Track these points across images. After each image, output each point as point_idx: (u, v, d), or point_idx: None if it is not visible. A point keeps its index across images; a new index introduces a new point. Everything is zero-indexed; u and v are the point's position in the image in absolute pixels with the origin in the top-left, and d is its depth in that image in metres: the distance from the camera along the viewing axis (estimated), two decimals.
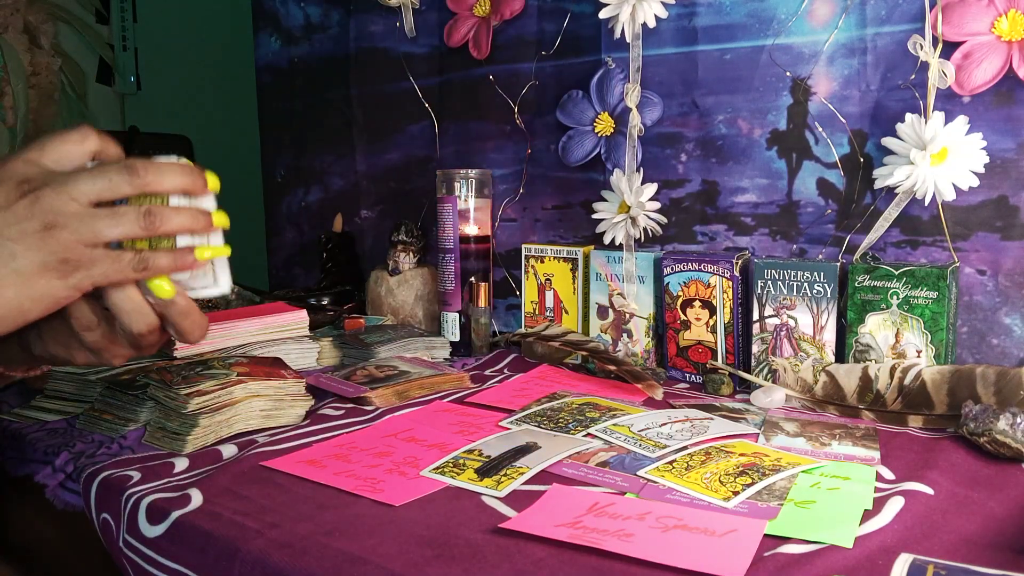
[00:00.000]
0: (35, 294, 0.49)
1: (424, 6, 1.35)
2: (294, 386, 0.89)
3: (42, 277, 0.49)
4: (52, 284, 0.49)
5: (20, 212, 0.48)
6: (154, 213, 0.51)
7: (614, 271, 1.11)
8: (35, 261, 0.48)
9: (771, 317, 0.98)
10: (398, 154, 1.45)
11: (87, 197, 0.50)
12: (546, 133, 1.24)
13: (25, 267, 0.48)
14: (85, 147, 0.52)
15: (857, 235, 1.00)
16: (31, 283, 0.49)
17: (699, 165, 1.11)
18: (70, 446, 0.81)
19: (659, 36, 1.10)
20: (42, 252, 0.48)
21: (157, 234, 0.51)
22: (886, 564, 0.53)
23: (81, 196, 0.49)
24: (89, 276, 0.50)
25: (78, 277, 0.50)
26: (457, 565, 0.56)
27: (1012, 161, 0.91)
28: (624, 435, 0.80)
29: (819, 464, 0.72)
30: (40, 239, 0.48)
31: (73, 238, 0.49)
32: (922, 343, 0.90)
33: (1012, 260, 0.92)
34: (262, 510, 0.65)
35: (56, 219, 0.48)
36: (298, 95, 1.61)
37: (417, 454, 0.77)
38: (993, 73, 0.89)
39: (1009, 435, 0.71)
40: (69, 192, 0.49)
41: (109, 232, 0.50)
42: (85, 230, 0.49)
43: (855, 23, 0.98)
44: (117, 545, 0.69)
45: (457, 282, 1.22)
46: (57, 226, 0.49)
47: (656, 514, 0.62)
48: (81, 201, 0.49)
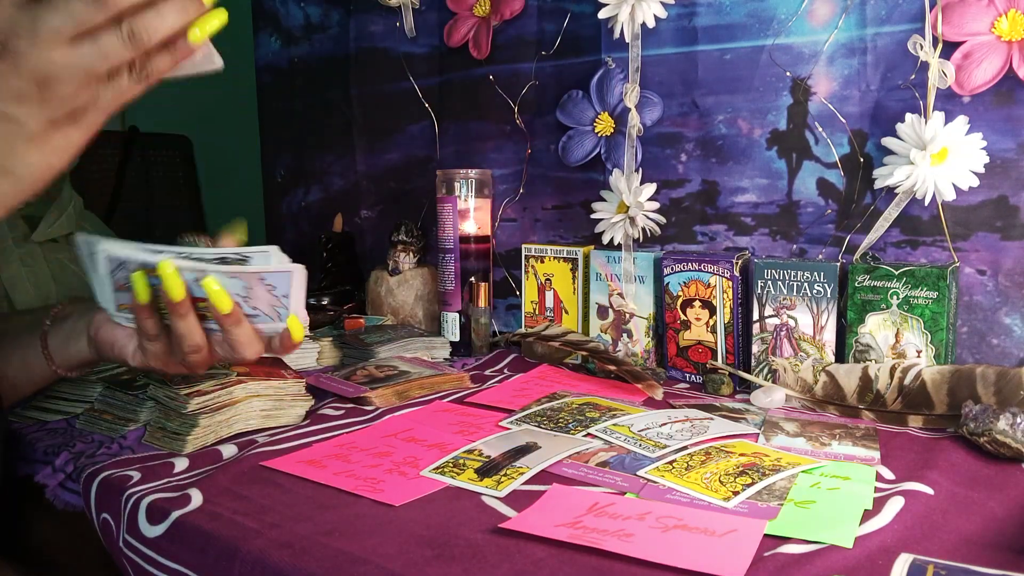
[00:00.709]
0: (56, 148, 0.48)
1: (424, 6, 1.35)
2: (294, 386, 0.89)
3: (56, 131, 0.48)
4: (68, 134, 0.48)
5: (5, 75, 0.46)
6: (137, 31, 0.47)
7: (614, 271, 1.11)
8: (42, 120, 0.47)
9: (771, 317, 0.98)
10: (398, 154, 1.45)
11: (63, 37, 0.47)
12: (546, 133, 1.24)
13: (36, 129, 0.47)
14: None
15: (857, 235, 1.00)
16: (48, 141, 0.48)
17: (699, 165, 1.11)
18: (70, 446, 0.81)
19: (659, 36, 1.10)
20: (45, 110, 0.47)
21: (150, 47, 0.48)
22: (886, 564, 0.53)
23: (57, 39, 0.47)
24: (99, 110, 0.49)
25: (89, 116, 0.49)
26: (457, 565, 0.56)
27: (1012, 161, 0.91)
28: (624, 435, 0.80)
29: (819, 464, 0.72)
30: (39, 98, 0.47)
31: (69, 86, 0.47)
32: (922, 343, 0.90)
33: (1012, 260, 0.92)
34: (262, 510, 0.65)
35: (45, 72, 0.46)
36: (298, 95, 1.61)
37: (417, 454, 0.77)
38: (993, 73, 0.89)
39: (1009, 435, 0.71)
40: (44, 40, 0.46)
41: (100, 65, 0.48)
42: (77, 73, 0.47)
43: (855, 23, 0.98)
44: (117, 545, 0.69)
45: (457, 282, 1.22)
46: (49, 78, 0.47)
47: (656, 514, 0.62)
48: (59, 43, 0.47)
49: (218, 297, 0.64)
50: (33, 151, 0.48)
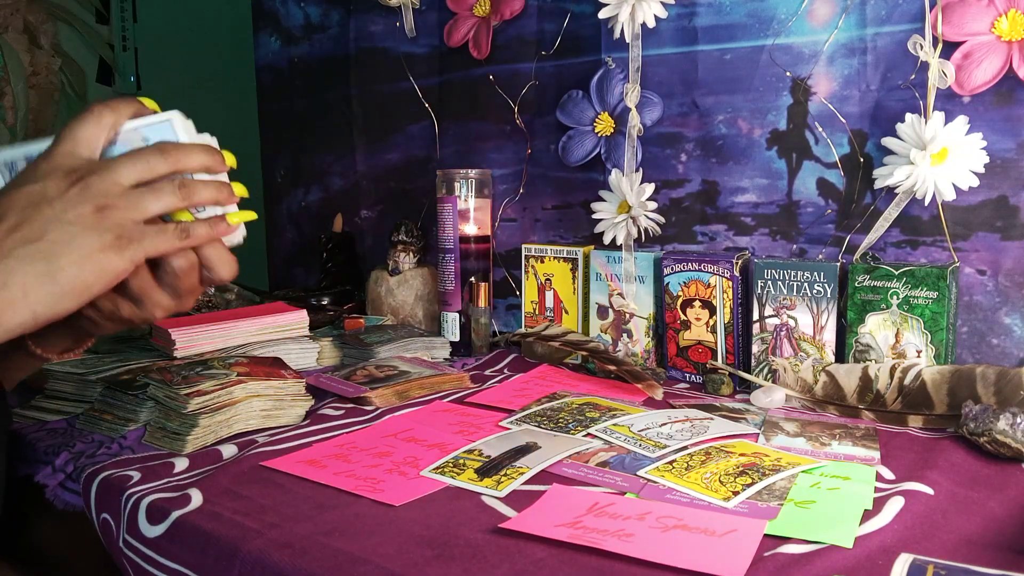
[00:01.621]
0: (96, 269, 0.54)
1: (424, 6, 1.35)
2: (294, 386, 0.89)
3: (101, 253, 0.54)
4: (110, 259, 0.54)
5: (74, 199, 0.54)
6: (187, 185, 0.57)
7: (614, 271, 1.11)
8: (93, 240, 0.54)
9: (771, 317, 0.98)
10: (398, 154, 1.45)
11: (129, 179, 0.56)
12: (546, 133, 1.24)
13: (84, 246, 0.54)
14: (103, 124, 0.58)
15: (857, 235, 1.00)
16: (91, 260, 0.54)
17: (699, 165, 1.11)
18: (70, 446, 0.81)
19: (659, 36, 1.10)
20: (98, 231, 0.54)
21: (192, 204, 0.58)
22: (886, 564, 0.53)
23: (124, 179, 0.55)
24: (142, 248, 0.56)
25: (132, 250, 0.55)
26: (457, 565, 0.56)
27: (1012, 161, 0.91)
28: (624, 435, 0.80)
29: (819, 464, 0.72)
30: (95, 220, 0.54)
31: (123, 216, 0.55)
32: (922, 343, 0.90)
33: (1012, 260, 0.92)
34: (262, 510, 0.65)
35: (106, 201, 0.54)
36: (298, 95, 1.61)
37: (417, 454, 0.77)
38: (993, 73, 0.89)
39: (1009, 435, 0.71)
40: (113, 177, 0.55)
41: (153, 206, 0.56)
42: (132, 207, 0.55)
43: (855, 23, 0.98)
44: (117, 545, 0.69)
45: (457, 282, 1.22)
46: (108, 207, 0.54)
47: (656, 514, 0.62)
48: (124, 183, 0.55)
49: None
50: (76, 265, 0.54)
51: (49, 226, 0.54)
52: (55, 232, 0.54)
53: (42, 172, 0.56)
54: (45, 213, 0.54)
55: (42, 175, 0.55)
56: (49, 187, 0.55)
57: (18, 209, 0.54)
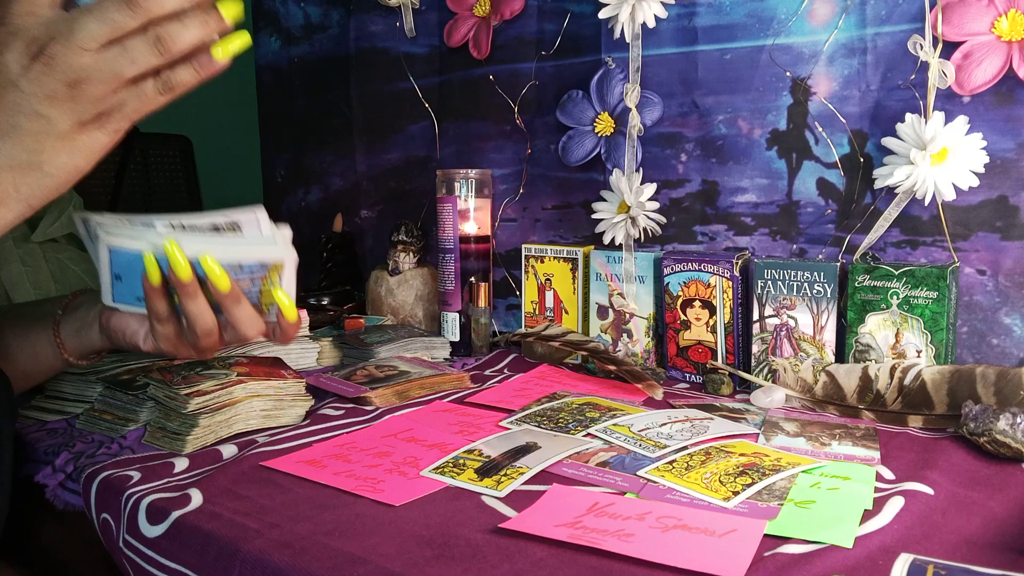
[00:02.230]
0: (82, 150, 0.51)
1: (424, 6, 1.35)
2: (294, 386, 0.89)
3: (83, 132, 0.51)
4: (94, 136, 0.51)
5: (40, 77, 0.49)
6: (163, 37, 0.51)
7: (614, 271, 1.11)
8: (71, 120, 0.50)
9: (771, 317, 0.98)
10: (398, 154, 1.45)
11: (96, 42, 0.50)
12: (546, 133, 1.24)
13: (64, 128, 0.50)
14: None
15: (857, 235, 1.00)
16: (75, 142, 0.51)
17: (699, 165, 1.11)
18: (70, 446, 0.81)
19: (659, 36, 1.10)
20: (75, 110, 0.50)
21: (174, 54, 0.52)
22: (886, 564, 0.53)
23: (90, 43, 0.50)
24: (124, 116, 0.52)
25: (115, 120, 0.52)
26: (457, 565, 0.56)
27: (1012, 161, 0.91)
28: (624, 435, 0.80)
29: (819, 464, 0.72)
30: (69, 98, 0.50)
31: (98, 88, 0.50)
32: (922, 343, 0.90)
33: (1012, 260, 0.92)
34: (262, 510, 0.65)
35: (76, 74, 0.49)
36: (298, 95, 1.61)
37: (417, 454, 0.77)
38: (993, 73, 0.89)
39: (1009, 435, 0.71)
40: (78, 42, 0.49)
41: (128, 70, 0.51)
42: (107, 76, 0.50)
43: (855, 23, 0.98)
44: (117, 545, 0.69)
45: (457, 282, 1.22)
46: (80, 81, 0.50)
47: (656, 514, 0.62)
48: (92, 48, 0.50)
49: (216, 276, 0.64)
50: (61, 150, 0.50)
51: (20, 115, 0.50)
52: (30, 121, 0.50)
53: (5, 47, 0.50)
54: (12, 98, 0.50)
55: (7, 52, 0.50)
56: (10, 63, 0.50)
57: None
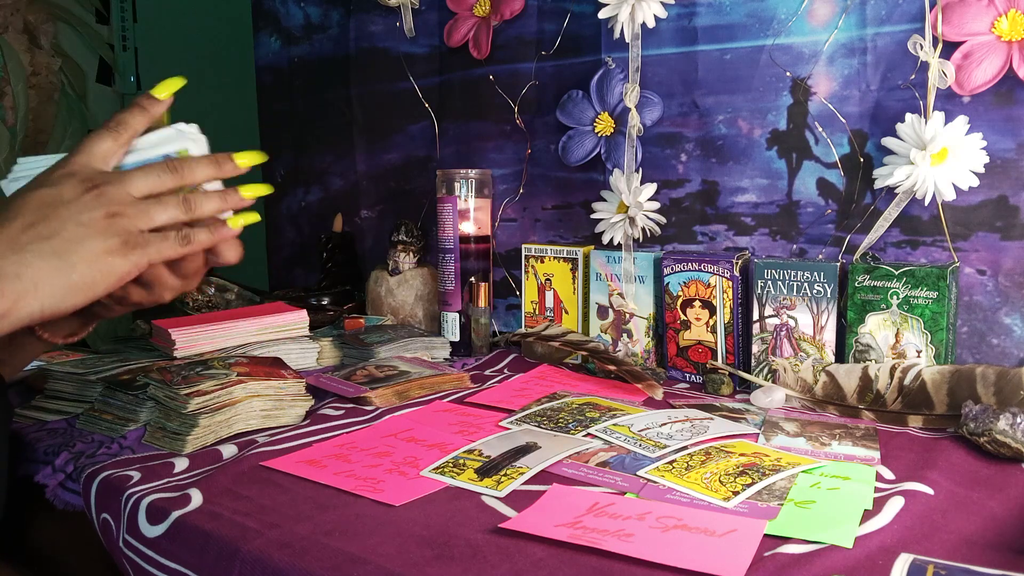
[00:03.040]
0: (103, 269, 0.58)
1: (424, 6, 1.35)
2: (294, 386, 0.89)
3: (107, 256, 0.58)
4: (115, 262, 0.59)
5: (88, 203, 0.59)
6: (190, 200, 0.62)
7: (614, 271, 1.11)
8: (101, 243, 0.58)
9: (771, 317, 0.98)
10: (398, 154, 1.45)
11: (140, 191, 0.61)
12: (546, 133, 1.24)
13: (93, 248, 0.58)
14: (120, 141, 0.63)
15: (857, 235, 1.00)
16: (99, 260, 0.58)
17: (699, 165, 1.11)
18: (70, 446, 0.81)
19: (659, 36, 1.10)
20: (106, 236, 0.58)
21: (196, 216, 0.62)
22: (886, 564, 0.53)
23: (135, 190, 0.60)
24: (145, 254, 0.60)
25: (136, 255, 0.60)
26: (457, 565, 0.56)
27: (1012, 161, 0.91)
28: (624, 435, 0.80)
29: (819, 464, 0.72)
30: (105, 225, 0.58)
31: (131, 223, 0.59)
32: (922, 343, 0.90)
33: (1012, 260, 0.92)
34: (262, 510, 0.65)
35: (117, 208, 0.59)
36: (298, 95, 1.61)
37: (417, 454, 0.77)
38: (993, 73, 0.89)
39: (1009, 435, 0.71)
40: (126, 188, 0.60)
41: (159, 217, 0.61)
42: (140, 216, 0.60)
43: (855, 23, 0.98)
44: (117, 545, 0.69)
45: (457, 282, 1.22)
46: (118, 214, 0.59)
47: (656, 514, 0.62)
48: (135, 194, 0.60)
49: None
50: (84, 265, 0.58)
51: (64, 225, 0.58)
52: (68, 231, 0.58)
53: (58, 177, 0.60)
54: (60, 213, 0.58)
55: (58, 180, 0.60)
56: (65, 191, 0.59)
57: (34, 208, 0.58)
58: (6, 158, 2.02)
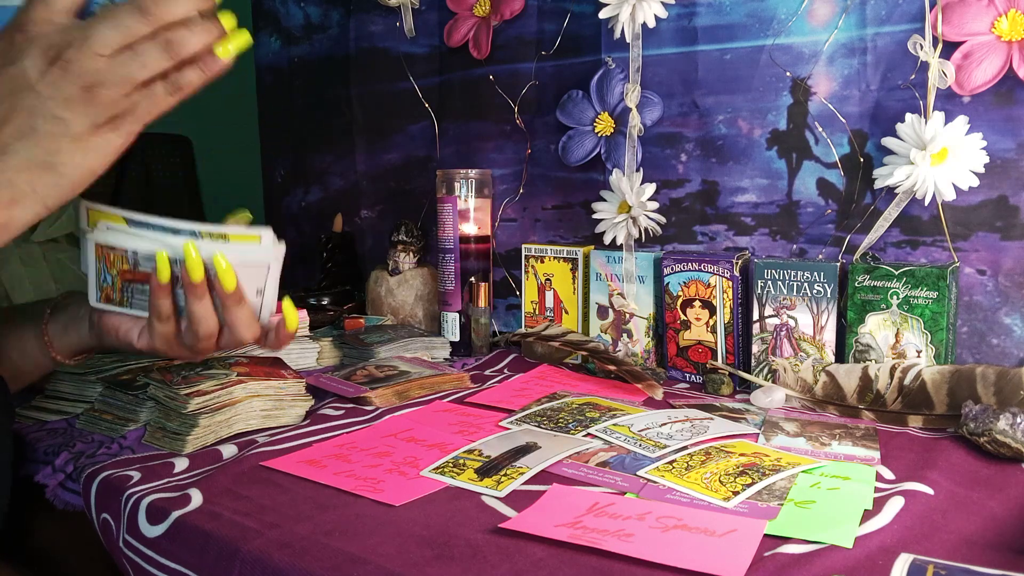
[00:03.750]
0: (96, 151, 0.53)
1: (424, 6, 1.35)
2: (294, 386, 0.89)
3: (97, 134, 0.53)
4: (108, 138, 0.54)
5: (56, 81, 0.52)
6: (172, 42, 0.54)
7: (614, 271, 1.11)
8: (86, 123, 0.53)
9: (771, 317, 0.98)
10: (398, 154, 1.45)
11: (110, 48, 0.53)
12: (546, 133, 1.24)
13: (79, 130, 0.53)
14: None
15: (857, 235, 1.00)
16: (89, 143, 0.53)
17: (699, 165, 1.11)
18: (70, 446, 0.81)
19: (659, 36, 1.10)
20: (90, 113, 0.52)
21: (182, 57, 0.55)
22: (886, 564, 0.53)
23: (105, 48, 0.52)
24: (136, 118, 0.54)
25: (128, 123, 0.54)
26: (457, 565, 0.56)
27: (1012, 161, 0.91)
28: (624, 435, 0.80)
29: (819, 464, 0.72)
30: (84, 101, 0.52)
31: (112, 92, 0.53)
32: (922, 343, 0.90)
33: (1012, 260, 0.92)
34: (262, 510, 0.65)
35: (92, 78, 0.52)
36: (298, 95, 1.61)
37: (417, 454, 0.77)
38: (993, 73, 0.89)
39: (1009, 435, 0.71)
40: (93, 48, 0.52)
41: (140, 73, 0.53)
42: (120, 80, 0.53)
43: (855, 23, 0.98)
44: (117, 545, 0.69)
45: (457, 282, 1.22)
46: (95, 85, 0.52)
47: (656, 514, 0.62)
48: (106, 53, 0.52)
49: (225, 275, 0.66)
50: (77, 151, 0.53)
51: (38, 118, 0.52)
52: (47, 123, 0.52)
53: (18, 48, 0.53)
54: (30, 101, 0.52)
55: (19, 52, 0.52)
56: (28, 68, 0.52)
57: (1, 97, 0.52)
58: None
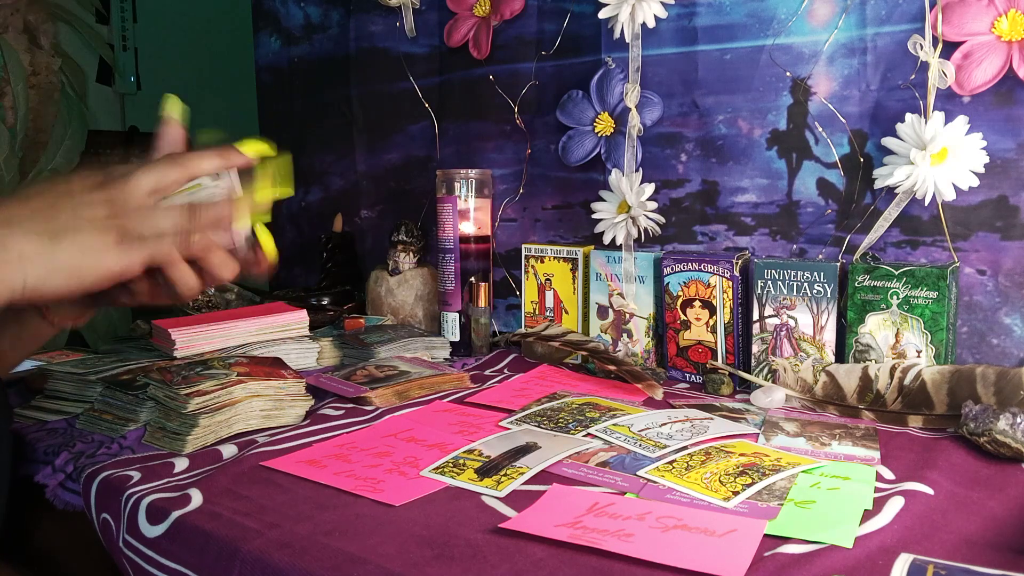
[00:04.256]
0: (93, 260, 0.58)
1: (424, 6, 1.35)
2: (294, 386, 0.89)
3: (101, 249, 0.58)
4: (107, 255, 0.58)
5: (93, 200, 0.59)
6: (196, 210, 0.61)
7: (614, 271, 1.11)
8: (96, 236, 0.58)
9: (771, 317, 0.98)
10: (398, 154, 1.45)
11: (146, 189, 0.60)
12: (546, 133, 1.24)
13: (87, 238, 0.58)
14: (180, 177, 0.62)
15: (857, 235, 1.00)
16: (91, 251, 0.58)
17: (699, 165, 1.11)
18: (70, 446, 0.81)
19: (659, 36, 1.10)
20: (103, 231, 0.58)
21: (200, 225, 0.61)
22: (886, 564, 0.53)
23: (141, 188, 0.60)
24: (140, 253, 0.59)
25: (133, 252, 0.59)
26: (457, 565, 0.56)
27: (1012, 161, 0.91)
28: (624, 435, 0.80)
29: (819, 464, 0.72)
30: (104, 222, 0.58)
31: (132, 223, 0.59)
32: (922, 343, 0.90)
33: (1012, 260, 0.92)
34: (262, 510, 0.65)
35: (122, 208, 0.59)
36: (298, 95, 1.61)
37: (417, 454, 0.77)
38: (993, 73, 0.89)
39: (1009, 435, 0.71)
40: (132, 186, 0.60)
41: (162, 225, 0.60)
42: (143, 218, 0.60)
43: (855, 23, 0.98)
44: (117, 545, 0.69)
45: (457, 282, 1.22)
46: (120, 216, 0.59)
47: (656, 514, 0.62)
48: (141, 193, 0.60)
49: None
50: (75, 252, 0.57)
51: (62, 213, 0.58)
52: (66, 219, 0.58)
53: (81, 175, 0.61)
54: (63, 203, 0.58)
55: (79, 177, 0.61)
56: (76, 186, 0.60)
57: (42, 194, 0.59)
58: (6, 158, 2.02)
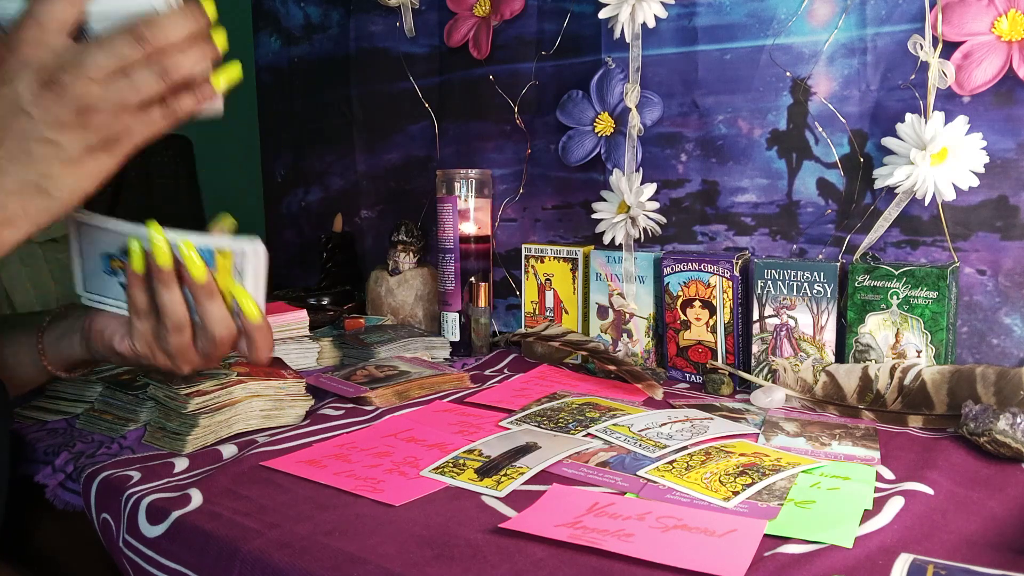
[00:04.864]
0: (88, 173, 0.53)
1: (424, 6, 1.35)
2: (294, 386, 0.89)
3: (90, 157, 0.53)
4: (100, 160, 0.53)
5: (50, 105, 0.51)
6: (166, 67, 0.54)
7: (614, 271, 1.11)
8: (79, 146, 0.52)
9: (771, 317, 0.98)
10: (398, 154, 1.45)
11: (103, 71, 0.52)
12: (546, 133, 1.24)
13: (73, 154, 0.52)
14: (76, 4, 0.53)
15: (857, 235, 1.00)
16: (82, 165, 0.53)
17: (699, 165, 1.11)
18: (70, 446, 0.81)
19: (659, 36, 1.10)
20: (84, 137, 0.52)
21: (176, 82, 0.54)
22: (886, 564, 0.53)
23: (98, 72, 0.52)
24: (130, 141, 0.54)
25: (121, 145, 0.54)
26: (457, 565, 0.56)
27: (1012, 161, 0.91)
28: (624, 435, 0.80)
29: (819, 464, 0.72)
30: (77, 125, 0.52)
31: (105, 116, 0.52)
32: (922, 343, 0.90)
33: (1012, 260, 0.92)
34: (262, 510, 0.65)
35: (85, 103, 0.52)
36: (298, 95, 1.61)
37: (417, 454, 0.77)
38: (993, 73, 0.89)
39: (1009, 435, 0.71)
40: (87, 72, 0.52)
41: (133, 97, 0.53)
42: (113, 104, 0.52)
43: (855, 23, 0.98)
44: (117, 545, 0.69)
45: (457, 282, 1.22)
46: (88, 109, 0.52)
47: (656, 514, 0.62)
48: (100, 78, 0.52)
49: (192, 263, 0.65)
50: (68, 174, 0.52)
51: (31, 141, 0.52)
52: (40, 146, 0.52)
53: (11, 70, 0.52)
54: (22, 124, 0.52)
55: (11, 74, 0.52)
56: (21, 91, 0.52)
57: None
58: None
